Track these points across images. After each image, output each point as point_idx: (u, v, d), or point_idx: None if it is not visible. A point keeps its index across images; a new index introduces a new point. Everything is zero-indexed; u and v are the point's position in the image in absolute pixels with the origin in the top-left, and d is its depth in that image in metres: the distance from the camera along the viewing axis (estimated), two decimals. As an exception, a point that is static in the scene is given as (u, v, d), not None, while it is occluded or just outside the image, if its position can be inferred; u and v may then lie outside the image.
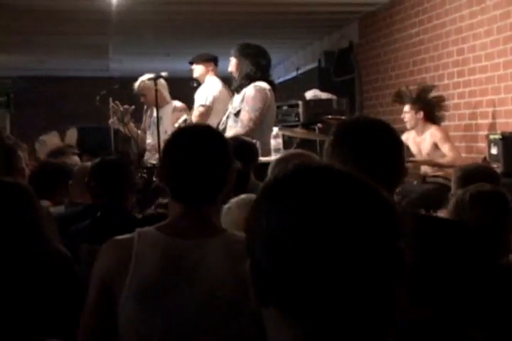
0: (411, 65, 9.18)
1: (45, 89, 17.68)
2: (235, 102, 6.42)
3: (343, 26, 11.33)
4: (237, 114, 6.31)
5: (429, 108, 7.22)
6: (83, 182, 4.18)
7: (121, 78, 11.28)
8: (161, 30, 11.08)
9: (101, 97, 7.54)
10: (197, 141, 2.36)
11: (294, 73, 14.00)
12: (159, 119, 6.80)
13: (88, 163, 4.76)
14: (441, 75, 8.33)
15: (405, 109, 7.31)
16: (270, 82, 6.46)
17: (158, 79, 6.91)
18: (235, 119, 6.33)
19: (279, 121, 7.69)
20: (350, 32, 11.20)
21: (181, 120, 6.51)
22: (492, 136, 6.55)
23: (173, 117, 7.13)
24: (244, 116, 6.23)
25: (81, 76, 17.16)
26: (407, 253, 1.10)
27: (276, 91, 6.61)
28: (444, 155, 7.03)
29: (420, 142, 7.23)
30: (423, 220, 2.35)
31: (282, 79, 14.89)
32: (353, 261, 1.05)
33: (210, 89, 6.99)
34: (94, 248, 3.01)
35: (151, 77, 7.01)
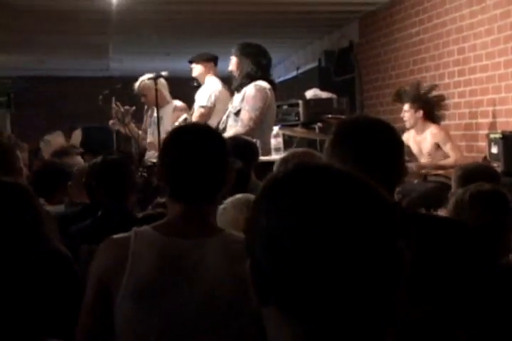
0: (411, 64, 9.18)
1: (46, 89, 17.68)
2: (235, 101, 6.42)
3: (344, 26, 11.33)
4: (237, 113, 6.31)
5: (428, 107, 7.22)
6: (82, 182, 4.19)
7: (121, 78, 11.28)
8: (161, 29, 11.08)
9: (104, 97, 7.54)
10: (195, 140, 2.36)
11: (294, 72, 14.00)
12: (160, 119, 6.80)
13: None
14: (442, 74, 8.33)
15: (405, 107, 7.31)
16: (270, 81, 6.46)
17: (158, 78, 6.91)
18: (235, 118, 6.33)
19: (279, 120, 7.69)
20: (350, 31, 11.20)
21: (181, 119, 6.52)
22: (492, 135, 6.55)
23: (174, 117, 7.13)
24: (245, 116, 6.23)
25: (81, 76, 17.17)
26: (406, 252, 1.10)
27: (277, 91, 6.61)
28: (445, 155, 7.03)
29: (420, 141, 7.23)
30: (423, 219, 2.35)
31: (282, 78, 14.89)
32: (353, 260, 1.05)
33: (211, 90, 6.96)
34: (94, 248, 3.01)
35: (151, 76, 7.01)
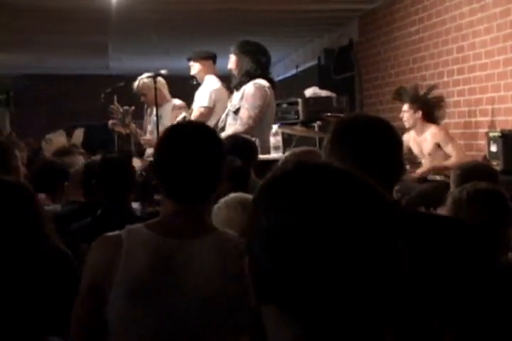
0: (411, 62, 9.18)
1: (45, 88, 17.68)
2: (234, 100, 6.41)
3: (343, 24, 11.33)
4: (236, 111, 6.31)
5: (427, 107, 7.21)
6: (78, 181, 4.20)
7: (119, 76, 11.28)
8: (160, 28, 11.07)
9: (105, 95, 7.53)
10: (190, 139, 2.36)
11: (294, 71, 14.00)
12: (159, 118, 6.80)
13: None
14: (441, 73, 8.33)
15: (404, 108, 7.32)
16: (270, 79, 6.45)
17: (157, 77, 6.91)
18: (235, 117, 6.33)
19: (278, 118, 7.67)
20: (350, 30, 11.20)
21: (180, 118, 6.51)
22: (492, 134, 6.55)
23: (173, 115, 7.13)
24: (244, 114, 6.23)
25: (81, 74, 17.17)
26: (405, 251, 1.10)
27: (276, 89, 6.60)
28: (446, 155, 7.02)
29: (421, 142, 7.23)
30: (422, 218, 2.35)
31: (282, 76, 14.89)
32: (352, 259, 1.06)
33: (211, 90, 6.94)
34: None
35: (150, 75, 7.01)
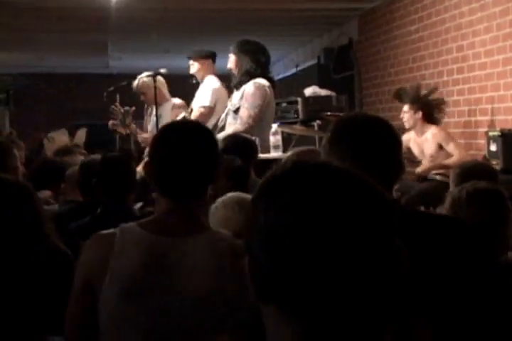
0: (410, 61, 9.18)
1: (45, 87, 17.68)
2: (234, 99, 6.42)
3: (343, 23, 11.33)
4: (236, 111, 6.31)
5: (428, 108, 7.22)
6: (74, 181, 4.20)
7: (120, 75, 11.28)
8: (160, 27, 11.07)
9: (108, 94, 7.53)
10: (184, 137, 2.36)
11: (294, 70, 14.00)
12: (159, 117, 6.80)
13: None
14: (441, 72, 8.33)
15: (404, 108, 7.32)
16: (270, 78, 6.45)
17: (156, 76, 6.90)
18: (235, 116, 6.33)
19: (278, 117, 7.67)
20: (349, 29, 11.20)
21: (180, 117, 6.50)
22: (491, 133, 6.55)
23: (172, 114, 7.13)
24: (244, 113, 6.23)
25: (81, 73, 17.18)
26: (404, 250, 1.10)
27: (276, 88, 6.60)
28: (448, 155, 7.02)
29: (422, 143, 7.23)
30: (422, 217, 2.35)
31: (282, 76, 14.89)
32: (351, 258, 1.06)
33: (211, 90, 6.93)
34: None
35: (150, 74, 7.01)
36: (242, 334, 1.31)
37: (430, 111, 7.23)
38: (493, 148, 6.39)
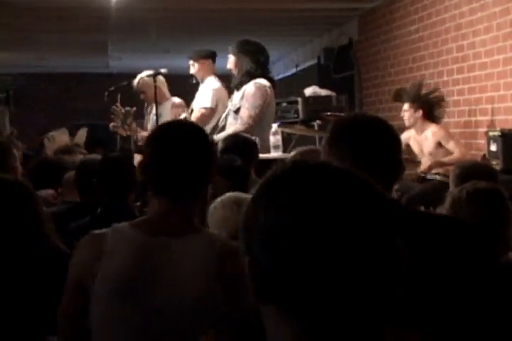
0: (410, 61, 9.18)
1: (45, 86, 17.69)
2: (234, 99, 6.42)
3: (343, 23, 11.33)
4: (236, 111, 6.32)
5: (428, 106, 7.23)
6: (71, 182, 4.20)
7: (120, 75, 11.28)
8: (160, 27, 11.07)
9: (109, 94, 7.53)
10: (178, 136, 2.35)
11: (294, 70, 14.01)
12: (159, 116, 6.80)
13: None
14: (441, 72, 8.33)
15: (404, 107, 7.33)
16: (270, 78, 6.46)
17: (157, 75, 6.91)
18: (235, 116, 6.33)
19: (278, 117, 7.67)
20: (349, 29, 11.20)
21: (180, 118, 6.50)
22: (491, 133, 6.55)
23: (172, 113, 7.13)
24: (244, 113, 6.24)
25: (81, 73, 17.18)
26: (405, 250, 1.10)
27: (276, 88, 6.61)
28: (447, 153, 7.03)
29: (421, 141, 7.23)
30: (422, 217, 2.35)
31: (282, 76, 14.89)
32: (351, 258, 1.06)
33: (212, 91, 6.93)
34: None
35: (150, 73, 7.01)
36: (239, 334, 1.30)
37: (430, 109, 7.24)
38: (493, 148, 6.39)
